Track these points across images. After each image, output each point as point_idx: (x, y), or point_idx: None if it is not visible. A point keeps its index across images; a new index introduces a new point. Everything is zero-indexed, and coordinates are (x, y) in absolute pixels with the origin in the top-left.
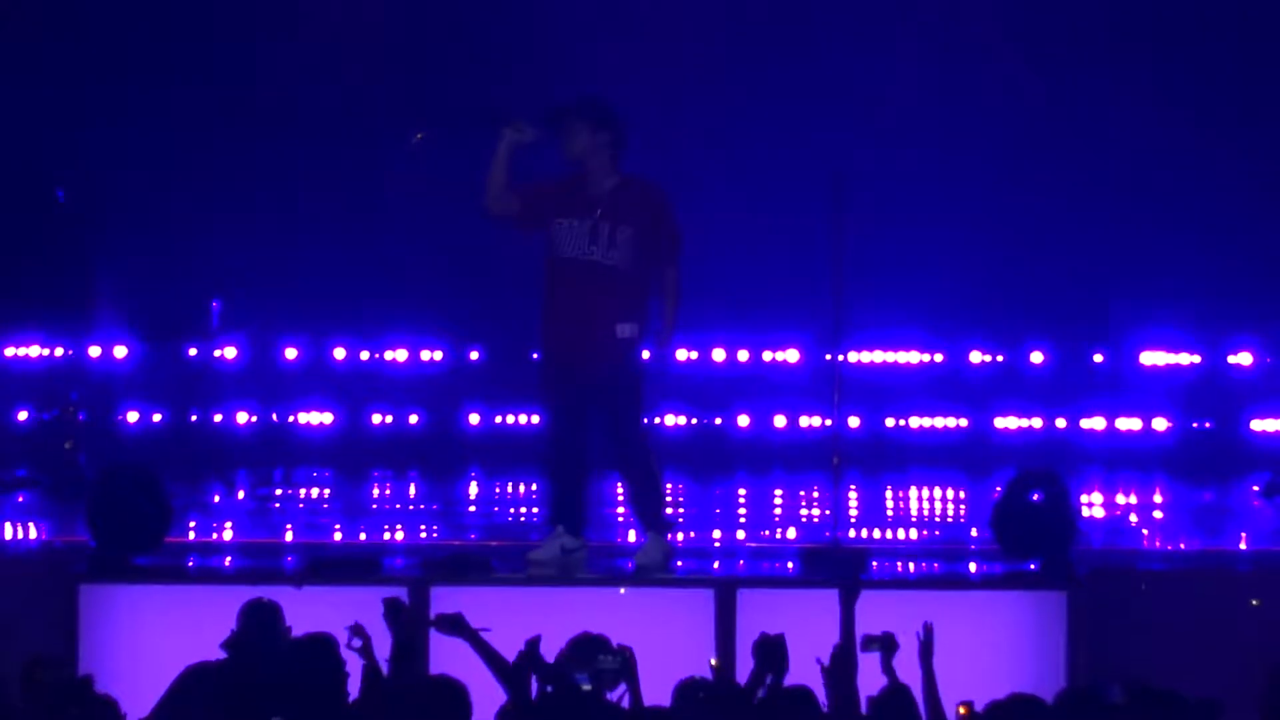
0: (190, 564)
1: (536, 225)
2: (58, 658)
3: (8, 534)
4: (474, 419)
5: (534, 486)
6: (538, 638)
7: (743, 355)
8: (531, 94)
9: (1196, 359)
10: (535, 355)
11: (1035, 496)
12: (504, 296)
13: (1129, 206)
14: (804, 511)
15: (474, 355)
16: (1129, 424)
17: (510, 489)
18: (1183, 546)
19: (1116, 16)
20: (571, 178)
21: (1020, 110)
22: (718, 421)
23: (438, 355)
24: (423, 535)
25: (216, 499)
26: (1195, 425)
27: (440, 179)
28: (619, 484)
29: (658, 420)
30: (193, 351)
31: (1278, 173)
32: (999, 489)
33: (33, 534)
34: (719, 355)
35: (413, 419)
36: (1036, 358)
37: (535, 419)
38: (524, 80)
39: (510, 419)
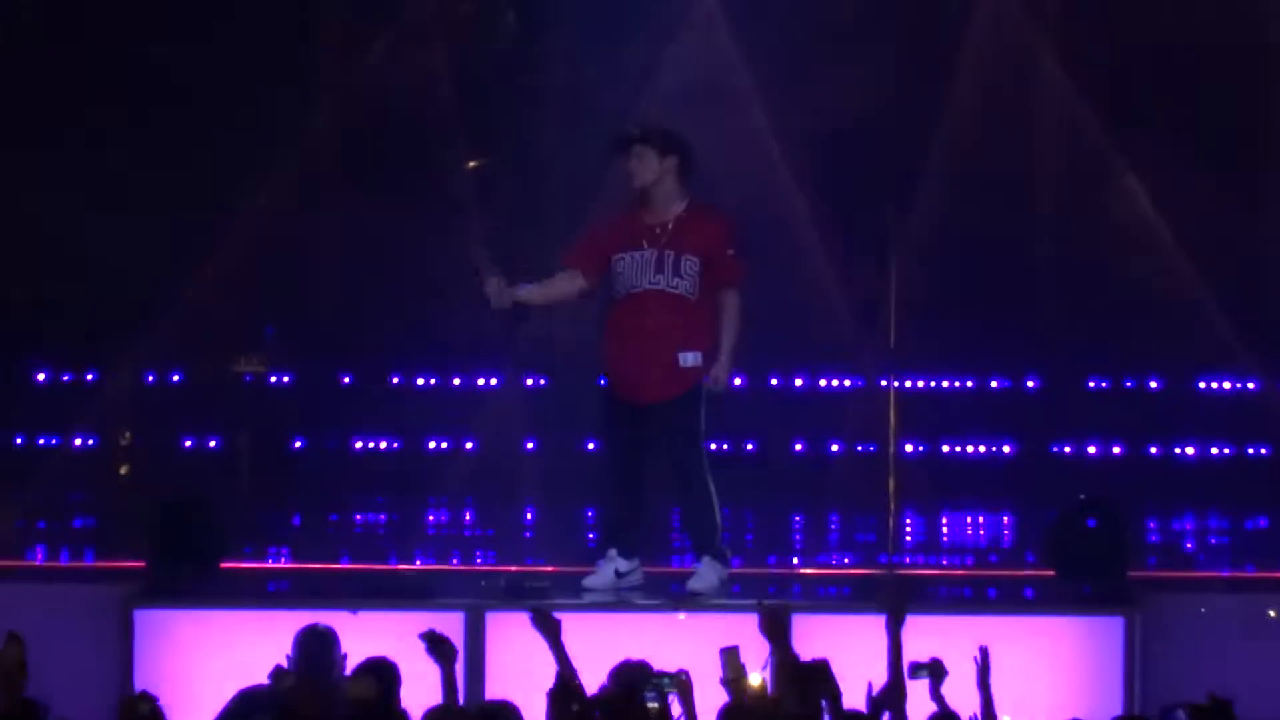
0: (244, 588)
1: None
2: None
3: (62, 557)
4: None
5: (592, 512)
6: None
7: (797, 381)
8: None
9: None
10: (601, 381)
11: (1091, 521)
12: (561, 321)
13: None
14: (858, 539)
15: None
16: (1186, 449)
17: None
18: (1240, 572)
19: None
20: (630, 209)
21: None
22: (772, 447)
23: (493, 381)
24: (479, 562)
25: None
26: (1251, 451)
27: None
28: (677, 510)
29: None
30: (247, 375)
31: None
32: (1055, 514)
33: (87, 558)
34: (773, 380)
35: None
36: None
37: (593, 445)
38: None
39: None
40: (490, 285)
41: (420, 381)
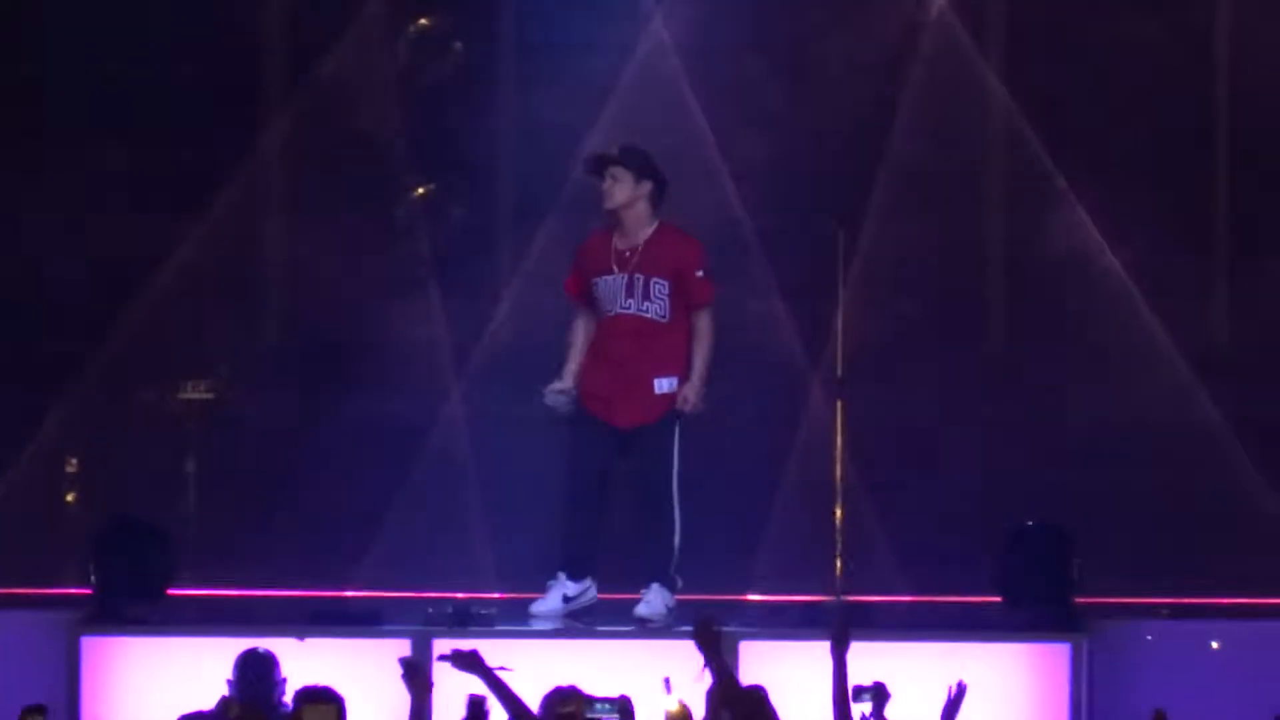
0: (191, 615)
1: None
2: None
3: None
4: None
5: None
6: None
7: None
8: None
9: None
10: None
11: (1038, 547)
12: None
13: None
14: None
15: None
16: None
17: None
18: (1187, 597)
19: None
20: (603, 233)
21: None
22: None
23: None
24: (428, 587)
25: None
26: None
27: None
28: (638, 534)
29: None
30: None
31: None
32: (1002, 539)
33: (33, 584)
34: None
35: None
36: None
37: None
38: None
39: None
40: (559, 401)
41: (368, 406)
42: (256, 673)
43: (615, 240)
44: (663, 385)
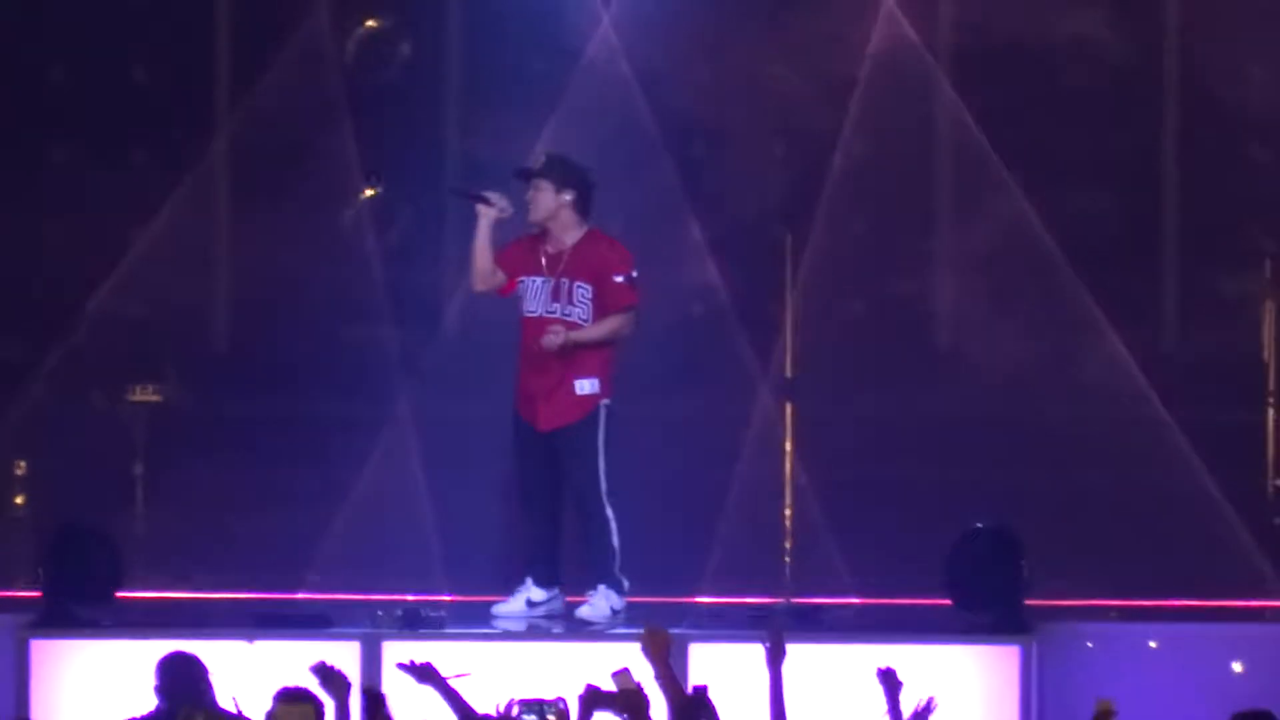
0: (141, 618)
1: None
2: None
3: None
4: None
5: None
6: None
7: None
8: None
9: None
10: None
11: (987, 548)
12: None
13: None
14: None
15: None
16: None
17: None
18: (1135, 599)
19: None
20: (533, 235)
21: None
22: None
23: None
24: (378, 589)
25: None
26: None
27: None
28: (576, 537)
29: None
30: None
31: None
32: (951, 541)
33: None
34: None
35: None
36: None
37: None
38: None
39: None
40: (494, 196)
41: (318, 406)
42: (183, 677)
43: (545, 244)
44: (584, 387)
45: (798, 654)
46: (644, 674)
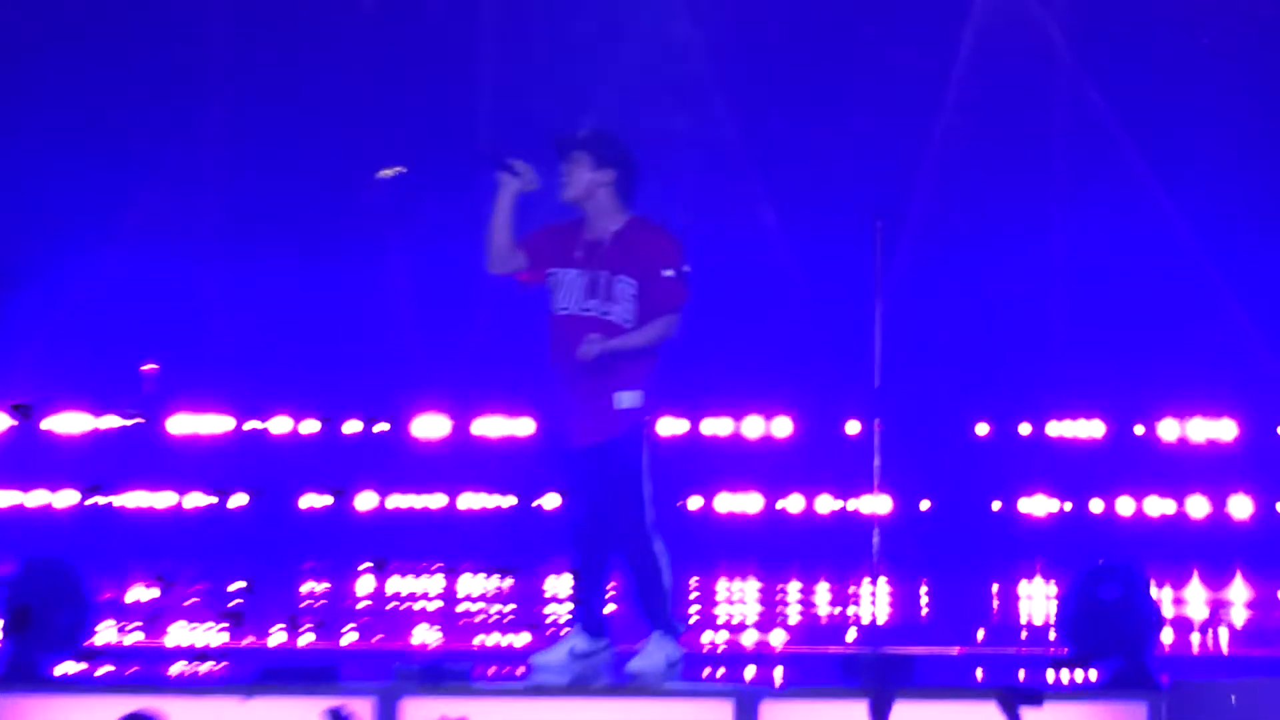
0: (110, 672)
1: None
2: None
3: None
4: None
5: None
6: None
7: (754, 429)
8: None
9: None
10: None
11: (1109, 592)
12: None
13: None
14: (834, 610)
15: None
16: (1197, 507)
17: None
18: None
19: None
20: (572, 221)
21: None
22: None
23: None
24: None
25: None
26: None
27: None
28: (623, 576)
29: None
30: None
31: None
32: (1068, 584)
33: None
34: (717, 428)
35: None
36: (1067, 429)
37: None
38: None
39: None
40: (521, 166)
41: (304, 429)
42: None
43: (583, 232)
44: (624, 400)
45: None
46: None
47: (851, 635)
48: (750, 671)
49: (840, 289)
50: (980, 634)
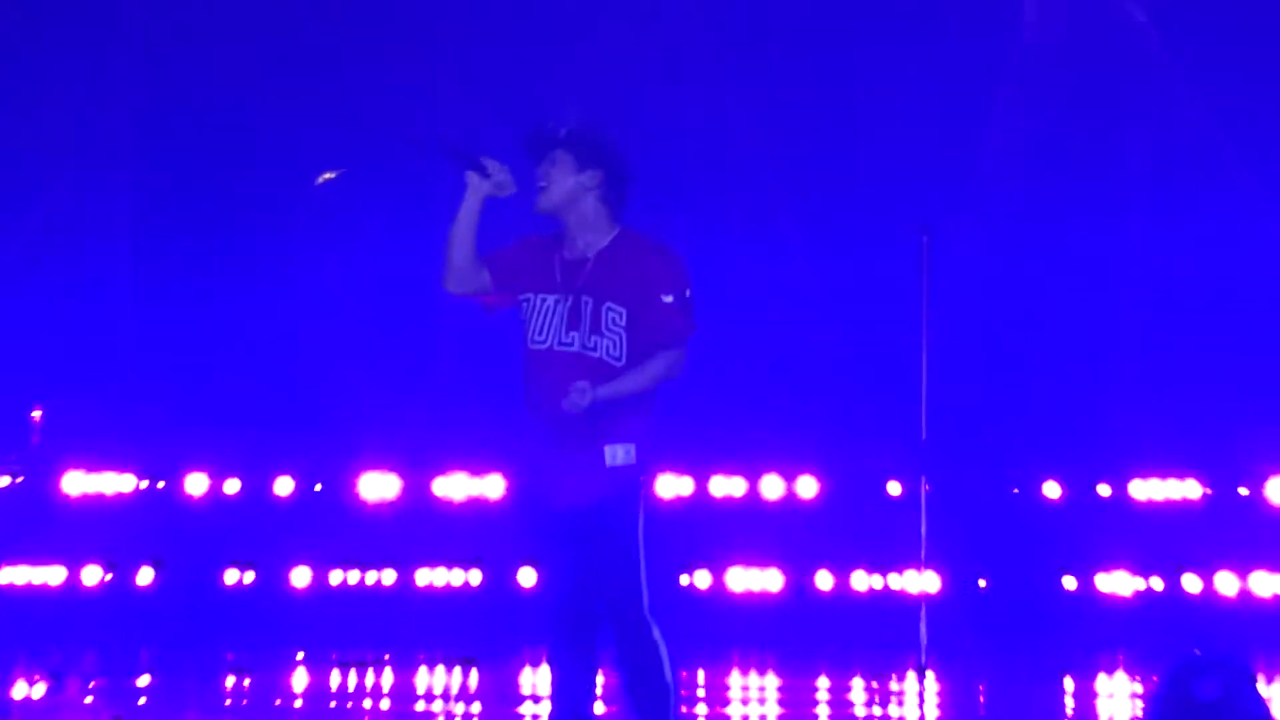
0: None
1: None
2: None
3: None
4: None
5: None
6: None
7: (774, 489)
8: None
9: None
10: None
11: (1207, 691)
12: None
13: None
14: (873, 713)
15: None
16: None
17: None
18: None
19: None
20: (550, 235)
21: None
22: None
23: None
24: None
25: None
26: None
27: None
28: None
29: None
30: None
31: None
32: (1157, 680)
33: None
34: (729, 488)
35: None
36: (1155, 489)
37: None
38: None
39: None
40: (494, 166)
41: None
42: None
43: (563, 249)
44: (617, 455)
45: None
46: None
47: None
48: None
49: (878, 316)
50: None
